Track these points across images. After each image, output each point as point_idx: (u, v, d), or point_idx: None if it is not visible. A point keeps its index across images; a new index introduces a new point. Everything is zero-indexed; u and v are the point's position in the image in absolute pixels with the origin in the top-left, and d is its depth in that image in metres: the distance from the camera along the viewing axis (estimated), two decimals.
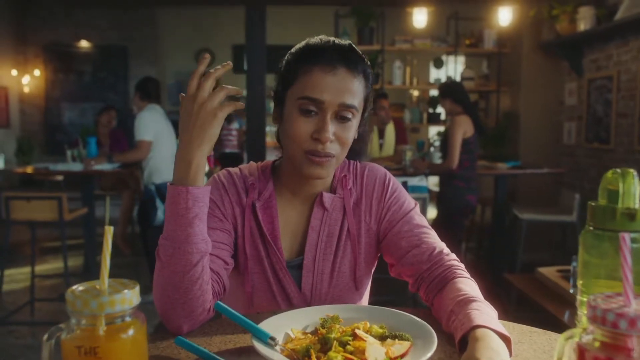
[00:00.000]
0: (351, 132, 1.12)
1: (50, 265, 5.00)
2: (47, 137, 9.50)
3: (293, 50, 1.16)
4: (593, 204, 0.78)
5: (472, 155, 4.05)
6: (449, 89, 4.12)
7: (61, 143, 7.43)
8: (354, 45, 1.14)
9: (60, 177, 6.30)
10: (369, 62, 1.16)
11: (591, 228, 0.77)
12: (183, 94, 1.00)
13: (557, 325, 2.47)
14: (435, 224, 4.14)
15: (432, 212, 7.11)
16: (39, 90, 9.40)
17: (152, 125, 4.29)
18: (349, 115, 1.10)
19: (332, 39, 1.14)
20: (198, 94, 0.98)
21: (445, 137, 4.22)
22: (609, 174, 0.78)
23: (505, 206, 4.75)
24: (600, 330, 0.64)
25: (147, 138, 4.25)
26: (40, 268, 4.80)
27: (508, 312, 3.27)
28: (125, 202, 5.48)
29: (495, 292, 0.97)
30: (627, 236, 0.66)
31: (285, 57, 1.16)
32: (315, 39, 1.14)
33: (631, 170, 0.76)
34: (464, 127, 3.95)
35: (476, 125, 4.02)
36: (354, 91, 1.10)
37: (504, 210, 4.71)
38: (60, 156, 5.29)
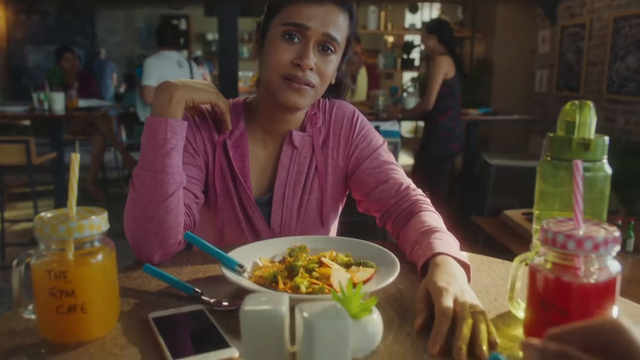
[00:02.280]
0: (331, 66, 1.12)
1: (20, 212, 4.94)
2: (11, 80, 9.18)
3: None
4: (551, 135, 0.80)
5: (456, 101, 3.96)
6: (437, 27, 3.98)
7: (26, 87, 7.21)
8: None
9: (26, 122, 6.15)
10: (355, 4, 1.16)
11: (549, 158, 0.80)
12: None
13: None
14: (416, 173, 4.17)
15: (405, 159, 7.19)
16: (0, 31, 9.01)
17: (155, 71, 4.38)
18: (332, 48, 1.10)
19: None
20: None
21: (425, 79, 4.14)
22: (567, 106, 0.80)
23: (476, 152, 4.82)
24: (551, 252, 0.68)
25: (150, 83, 4.34)
26: (9, 214, 4.74)
27: (475, 253, 3.37)
28: (96, 146, 5.38)
29: (463, 235, 1.01)
30: (579, 163, 0.69)
31: None
32: None
33: (588, 102, 0.79)
34: (445, 68, 3.86)
35: (458, 67, 3.96)
36: (339, 25, 1.10)
37: (474, 156, 4.79)
38: (26, 101, 5.14)
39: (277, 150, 1.23)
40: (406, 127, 7.40)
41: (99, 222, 0.71)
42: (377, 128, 3.92)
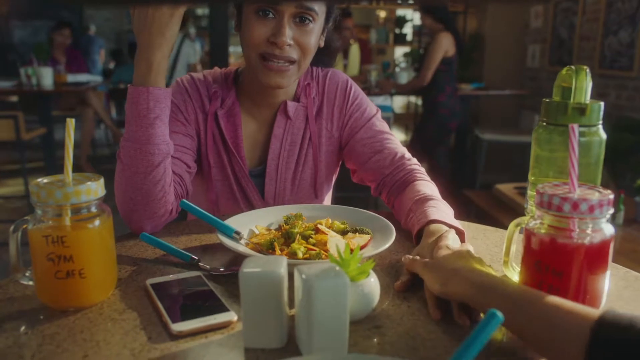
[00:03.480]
0: (312, 37, 1.09)
1: (11, 189, 4.91)
2: None
3: None
4: (547, 100, 0.80)
5: (454, 79, 3.97)
6: (430, 6, 4.00)
7: (13, 63, 7.09)
8: None
9: (14, 98, 6.07)
10: None
11: (544, 123, 0.80)
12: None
13: None
14: (414, 149, 4.17)
15: (397, 135, 7.18)
16: None
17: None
18: (309, 18, 1.07)
19: None
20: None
21: (424, 54, 4.12)
22: (564, 71, 0.80)
23: (467, 127, 4.82)
24: (547, 215, 0.69)
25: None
26: (0, 191, 4.71)
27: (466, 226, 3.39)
28: (88, 122, 5.33)
29: (454, 209, 1.02)
30: (575, 127, 0.69)
31: None
32: None
33: (585, 67, 0.79)
34: (446, 46, 3.84)
35: (458, 44, 3.94)
36: None
37: (466, 130, 4.79)
38: (13, 77, 5.06)
39: (269, 121, 1.22)
40: (398, 103, 7.37)
41: (95, 187, 0.71)
42: None
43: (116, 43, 9.54)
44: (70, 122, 0.71)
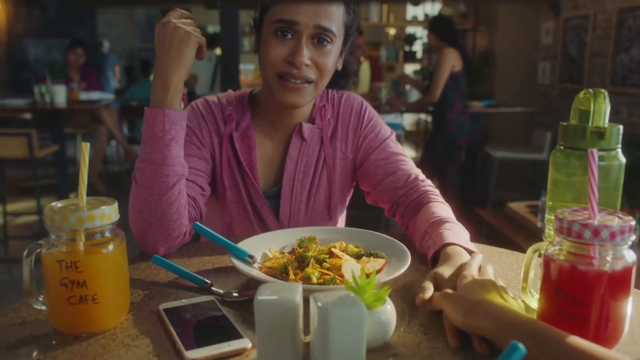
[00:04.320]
0: (330, 58, 1.09)
1: (23, 205, 4.94)
2: (12, 74, 9.14)
3: None
4: (564, 124, 0.79)
5: (462, 95, 3.97)
6: (436, 24, 4.01)
7: (27, 81, 7.17)
8: None
9: (28, 115, 6.13)
10: None
11: (562, 147, 0.79)
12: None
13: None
14: (425, 166, 4.16)
15: (407, 152, 7.18)
16: (0, 25, 8.97)
17: None
18: (327, 39, 1.07)
19: None
20: (170, 19, 1.00)
21: (433, 72, 4.15)
22: (581, 94, 0.79)
23: (478, 144, 4.81)
24: (566, 241, 0.67)
25: None
26: (12, 207, 4.74)
27: (478, 246, 3.36)
28: (100, 140, 5.38)
29: (466, 227, 1.01)
30: (595, 152, 0.68)
31: None
32: None
33: (602, 90, 0.78)
34: (453, 61, 3.86)
35: (465, 60, 3.96)
36: (331, 15, 1.07)
37: (476, 148, 4.78)
38: (27, 93, 5.12)
39: (284, 143, 1.22)
40: (408, 120, 7.37)
41: (109, 212, 0.71)
42: None
43: (128, 60, 9.64)
44: (85, 147, 0.71)
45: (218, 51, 5.52)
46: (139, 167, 0.99)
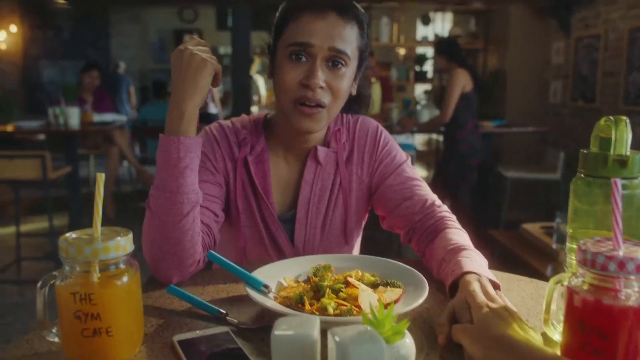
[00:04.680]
0: (344, 81, 1.08)
1: (36, 225, 4.96)
2: (27, 96, 9.27)
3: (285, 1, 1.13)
4: (585, 151, 0.78)
5: (474, 114, 3.98)
6: (442, 46, 4.05)
7: (42, 102, 7.28)
8: None
9: (42, 136, 6.20)
10: (363, 11, 1.13)
11: (582, 175, 0.78)
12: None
13: (540, 280, 2.53)
14: (436, 186, 4.14)
15: (419, 172, 7.15)
16: (16, 47, 9.12)
17: None
18: (342, 62, 1.07)
19: None
20: (187, 46, 1.00)
21: (443, 92, 4.16)
22: (602, 121, 0.78)
23: (490, 164, 4.78)
24: (590, 273, 0.65)
25: None
26: (25, 228, 4.76)
27: (492, 268, 3.32)
28: (112, 161, 5.42)
29: (479, 248, 0.99)
30: (618, 182, 0.66)
31: (279, 9, 1.14)
32: None
33: (624, 117, 0.77)
34: (463, 82, 3.88)
35: (475, 80, 3.97)
36: (346, 37, 1.06)
37: (488, 168, 4.75)
38: (41, 115, 5.19)
39: (299, 166, 1.21)
40: (419, 140, 7.37)
41: (124, 243, 0.70)
42: None
43: (141, 81, 9.76)
44: (100, 177, 0.71)
45: None
46: (153, 194, 0.98)
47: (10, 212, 5.32)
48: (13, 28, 8.92)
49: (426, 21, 7.94)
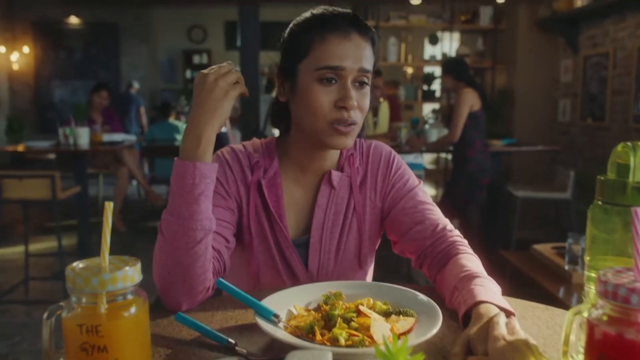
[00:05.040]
0: (367, 99, 1.09)
1: (44, 245, 4.97)
2: (38, 115, 9.38)
3: (298, 22, 1.12)
4: (602, 178, 0.76)
5: (482, 133, 3.97)
6: (450, 66, 4.05)
7: (53, 121, 7.34)
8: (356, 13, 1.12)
9: (52, 156, 6.24)
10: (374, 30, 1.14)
11: (600, 203, 0.76)
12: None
13: (553, 302, 2.48)
14: (445, 205, 4.10)
15: (427, 190, 7.12)
16: (29, 67, 9.26)
17: None
18: (366, 81, 1.08)
19: (333, 7, 1.11)
20: (213, 71, 1.00)
21: (451, 111, 4.16)
22: (619, 147, 0.76)
23: (499, 183, 4.75)
24: (611, 305, 0.63)
25: None
26: (34, 247, 4.77)
27: (503, 288, 3.27)
28: (122, 180, 5.45)
29: (490, 269, 0.98)
30: (639, 210, 0.65)
31: (289, 30, 1.13)
32: (318, 9, 1.11)
33: None
34: (471, 101, 3.88)
35: (483, 99, 3.96)
36: (368, 56, 1.08)
37: (498, 187, 4.72)
38: (53, 134, 5.23)
39: (313, 190, 1.20)
40: (428, 158, 7.35)
41: (132, 273, 0.69)
42: None
43: (150, 101, 9.84)
44: (109, 206, 0.70)
45: None
46: (166, 219, 0.97)
47: (19, 232, 5.34)
48: (26, 49, 9.06)
49: (434, 41, 7.96)
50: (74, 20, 9.34)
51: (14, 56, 8.90)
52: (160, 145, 5.85)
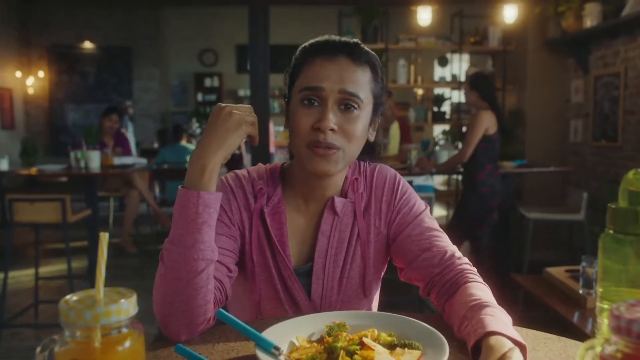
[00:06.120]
0: (357, 124, 1.06)
1: (54, 268, 4.98)
2: (52, 138, 9.50)
3: (298, 49, 1.14)
4: (613, 206, 0.74)
5: (494, 157, 3.90)
6: (479, 82, 3.90)
7: (65, 144, 7.43)
8: (361, 43, 1.11)
9: (64, 178, 6.28)
10: (375, 55, 1.13)
11: (611, 232, 0.73)
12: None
13: (566, 326, 2.43)
14: (455, 227, 4.04)
15: (438, 211, 7.07)
16: (43, 91, 9.40)
17: None
18: (354, 105, 1.06)
19: (338, 37, 1.11)
20: (231, 105, 1.01)
21: (465, 131, 4.09)
22: (630, 174, 0.74)
23: (511, 205, 4.70)
24: (624, 342, 0.60)
25: None
26: (44, 270, 4.78)
27: (515, 312, 3.20)
28: (132, 203, 5.47)
29: (501, 292, 0.95)
30: None
31: (292, 58, 1.14)
32: (322, 37, 1.12)
33: None
34: (487, 124, 3.79)
35: (500, 123, 3.88)
36: (357, 80, 1.06)
37: (510, 209, 4.66)
38: (65, 157, 5.28)
39: (316, 217, 1.17)
40: (438, 179, 7.31)
41: (127, 306, 0.67)
42: (410, 183, 3.85)
43: (162, 123, 9.93)
44: (104, 237, 0.68)
45: None
46: (168, 248, 0.96)
47: (29, 254, 5.36)
48: (41, 73, 9.21)
49: (443, 62, 7.99)
50: (88, 45, 9.50)
51: (29, 80, 9.05)
52: (172, 168, 5.88)
